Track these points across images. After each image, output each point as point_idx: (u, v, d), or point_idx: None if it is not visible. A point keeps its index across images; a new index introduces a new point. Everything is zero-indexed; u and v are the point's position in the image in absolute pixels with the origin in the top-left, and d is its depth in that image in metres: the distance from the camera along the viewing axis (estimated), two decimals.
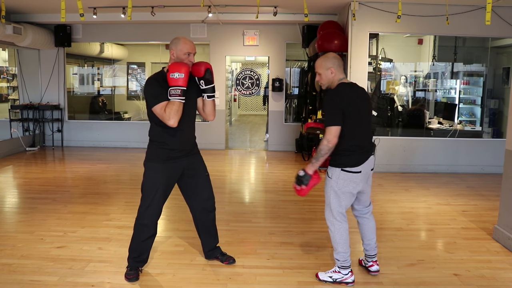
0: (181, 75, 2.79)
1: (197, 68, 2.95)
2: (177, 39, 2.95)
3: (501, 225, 3.94)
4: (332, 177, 2.95)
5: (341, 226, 3.00)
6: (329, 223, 3.05)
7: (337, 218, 2.99)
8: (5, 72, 9.68)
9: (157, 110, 2.84)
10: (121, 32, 8.97)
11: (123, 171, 7.00)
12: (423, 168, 6.98)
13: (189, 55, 2.93)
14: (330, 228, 3.05)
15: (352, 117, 2.87)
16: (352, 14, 6.25)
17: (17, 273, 3.16)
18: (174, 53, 2.93)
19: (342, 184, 2.94)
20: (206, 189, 3.23)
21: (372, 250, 3.22)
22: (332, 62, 2.96)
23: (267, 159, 8.19)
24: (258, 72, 9.38)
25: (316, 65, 3.02)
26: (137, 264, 3.13)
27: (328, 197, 3.00)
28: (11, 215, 4.74)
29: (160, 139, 2.98)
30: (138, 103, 10.92)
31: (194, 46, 2.97)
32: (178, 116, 2.84)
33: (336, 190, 2.95)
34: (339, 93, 2.90)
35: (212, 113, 3.14)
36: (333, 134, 2.81)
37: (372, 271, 3.23)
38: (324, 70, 2.97)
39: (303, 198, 5.33)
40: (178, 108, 2.83)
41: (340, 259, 3.04)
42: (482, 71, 7.92)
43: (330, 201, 2.99)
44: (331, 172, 2.97)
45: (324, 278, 3.10)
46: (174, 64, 2.84)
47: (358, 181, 2.95)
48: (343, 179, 2.93)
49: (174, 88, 2.81)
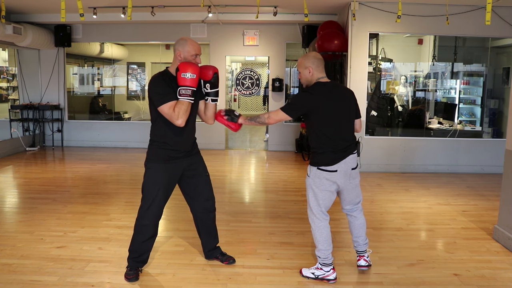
0: (192, 76, 2.78)
1: (206, 71, 2.94)
2: (184, 40, 2.92)
3: (501, 225, 3.94)
4: (310, 175, 3.04)
5: (321, 223, 3.04)
6: (310, 221, 3.12)
7: (317, 216, 3.05)
8: (5, 72, 9.68)
9: (165, 110, 2.81)
10: (121, 32, 8.97)
11: (123, 171, 7.00)
12: (423, 168, 6.98)
13: (196, 56, 2.92)
14: (311, 225, 3.12)
15: (322, 116, 2.94)
16: (352, 14, 6.26)
17: (17, 273, 3.16)
18: (181, 54, 2.90)
19: (318, 182, 3.00)
20: (206, 189, 3.23)
21: (360, 247, 3.26)
22: (312, 61, 3.01)
23: (267, 159, 8.19)
24: (258, 72, 9.38)
25: (297, 63, 3.11)
26: (137, 264, 3.13)
27: (308, 195, 3.09)
28: (11, 215, 4.74)
29: (162, 139, 2.97)
30: (138, 103, 10.92)
31: (200, 47, 2.97)
32: (187, 116, 2.83)
33: (313, 188, 3.03)
34: (310, 92, 2.98)
35: (212, 117, 3.13)
36: (278, 117, 3.01)
37: (359, 265, 3.27)
38: (303, 69, 3.05)
39: (303, 198, 5.33)
40: (187, 108, 2.82)
41: (321, 256, 3.08)
42: (482, 71, 7.92)
43: (309, 199, 3.08)
44: (309, 171, 3.06)
45: (307, 274, 3.16)
46: (186, 64, 2.81)
47: (334, 180, 2.98)
48: (319, 178, 2.99)
49: (185, 88, 2.79)
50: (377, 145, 6.98)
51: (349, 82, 6.73)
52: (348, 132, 3.06)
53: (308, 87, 3.06)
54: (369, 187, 5.92)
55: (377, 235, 4.11)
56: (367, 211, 4.83)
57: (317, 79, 3.02)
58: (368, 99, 7.07)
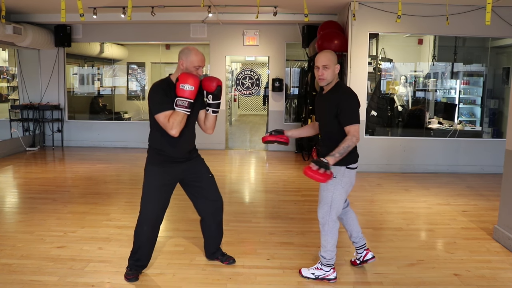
0: (191, 88, 2.77)
1: (209, 82, 2.93)
2: (188, 49, 2.91)
3: (501, 225, 3.94)
4: (338, 176, 2.94)
5: (335, 225, 3.03)
6: (323, 222, 3.03)
7: (333, 217, 3.01)
8: (5, 72, 9.68)
9: (160, 119, 2.82)
10: (121, 32, 8.97)
11: (123, 171, 7.00)
12: (423, 168, 6.98)
13: (198, 68, 2.91)
14: (323, 226, 3.05)
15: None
16: (352, 14, 6.26)
17: (17, 273, 3.16)
18: (184, 63, 2.89)
19: (346, 181, 2.97)
20: (212, 190, 3.22)
21: (361, 240, 3.26)
22: (336, 59, 3.01)
23: (267, 159, 8.19)
24: (258, 72, 9.38)
25: (324, 58, 2.96)
26: (136, 267, 3.14)
27: (330, 196, 2.97)
28: (11, 215, 4.74)
29: (158, 146, 2.98)
30: (138, 103, 10.92)
31: (204, 59, 2.95)
32: (181, 127, 2.83)
33: (340, 189, 2.96)
34: (351, 91, 2.99)
35: (212, 127, 3.12)
36: (358, 132, 2.89)
37: (369, 258, 3.26)
38: (333, 66, 2.97)
39: (304, 198, 5.34)
40: (182, 119, 2.82)
41: (327, 257, 3.07)
42: (482, 71, 7.92)
43: (333, 199, 2.97)
44: (336, 172, 2.93)
45: (307, 274, 3.15)
46: (186, 75, 2.80)
47: (354, 177, 3.04)
48: (347, 177, 2.97)
49: (181, 99, 2.79)
50: (377, 145, 6.98)
51: (349, 82, 6.73)
52: None
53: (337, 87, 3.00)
54: (369, 187, 5.92)
55: (377, 235, 4.11)
56: (367, 211, 4.85)
57: (337, 78, 3.04)
58: (368, 99, 7.07)
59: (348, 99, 2.93)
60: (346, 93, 2.96)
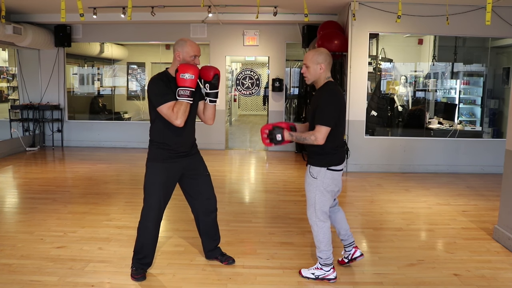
0: (191, 76, 2.80)
1: (207, 71, 2.95)
2: (183, 41, 2.94)
3: (501, 225, 3.93)
4: (318, 177, 2.97)
5: (324, 225, 3.03)
6: (312, 223, 3.07)
7: (320, 217, 3.02)
8: (5, 72, 9.68)
9: (164, 110, 2.83)
10: (121, 32, 8.97)
11: (123, 171, 7.00)
12: (423, 168, 6.98)
13: (195, 58, 2.94)
14: (313, 227, 3.08)
15: (340, 117, 2.94)
16: (352, 14, 6.26)
17: (17, 273, 3.16)
18: (180, 54, 2.91)
19: (327, 183, 2.98)
20: (207, 189, 3.23)
21: (350, 238, 3.27)
22: (324, 58, 2.93)
23: (267, 159, 8.19)
24: (258, 72, 9.38)
25: (306, 57, 2.96)
26: (142, 266, 3.13)
27: (313, 197, 3.01)
28: (11, 215, 4.74)
29: (161, 140, 2.98)
30: (138, 103, 10.92)
31: (199, 49, 2.98)
32: (185, 116, 2.85)
33: (322, 190, 2.98)
34: (335, 93, 2.92)
35: (212, 117, 3.13)
36: (323, 134, 2.83)
37: (358, 256, 3.27)
38: (314, 65, 2.92)
39: (303, 198, 5.32)
40: (185, 108, 2.84)
41: (323, 257, 3.07)
42: (482, 71, 7.92)
43: (316, 201, 3.00)
44: (316, 172, 2.97)
45: (307, 274, 3.15)
46: (185, 65, 2.84)
47: (339, 179, 3.03)
48: (329, 178, 2.97)
49: (183, 88, 2.81)
50: (377, 145, 6.98)
51: (349, 82, 6.73)
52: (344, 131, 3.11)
53: (324, 87, 2.95)
54: (369, 187, 5.92)
55: (377, 235, 4.11)
56: (367, 211, 4.85)
57: (327, 78, 2.97)
58: (368, 99, 7.07)
59: (327, 100, 2.87)
60: (328, 94, 2.90)
